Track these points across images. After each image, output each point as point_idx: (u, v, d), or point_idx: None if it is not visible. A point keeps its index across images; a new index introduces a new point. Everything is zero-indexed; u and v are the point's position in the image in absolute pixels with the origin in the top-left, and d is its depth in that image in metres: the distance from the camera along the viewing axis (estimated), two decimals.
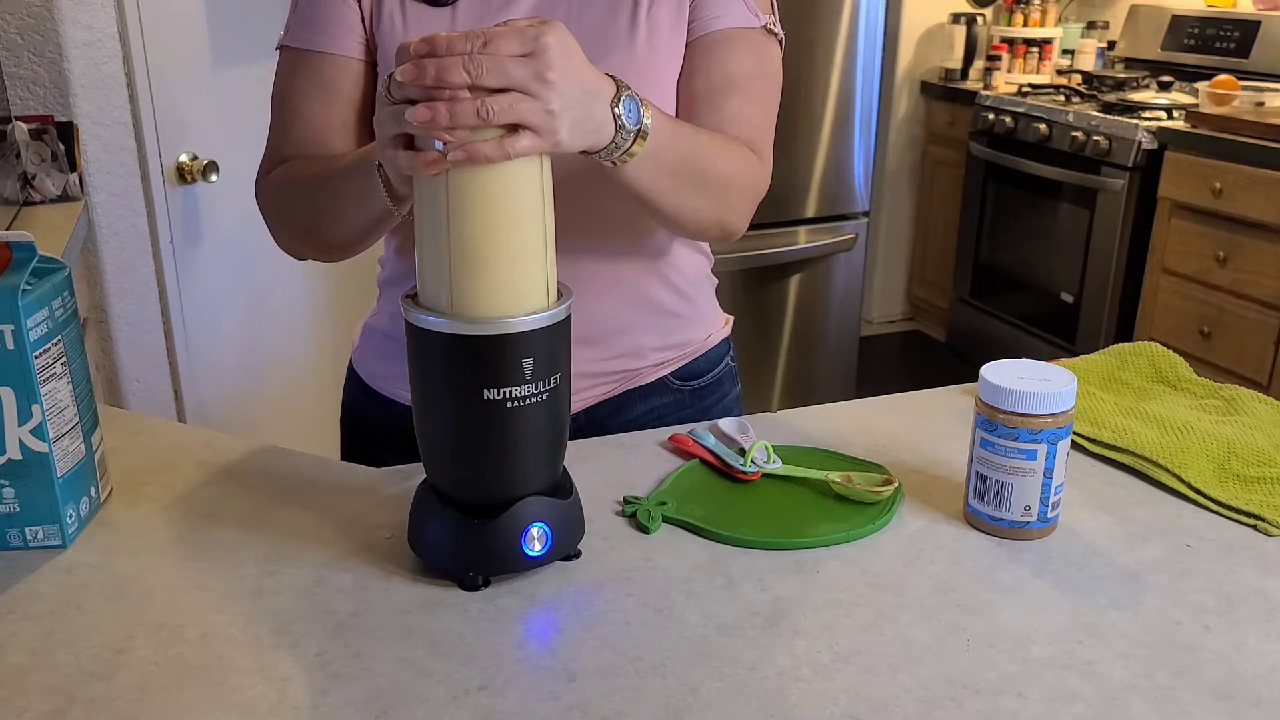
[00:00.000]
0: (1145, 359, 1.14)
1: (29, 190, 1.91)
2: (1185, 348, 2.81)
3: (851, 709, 0.64)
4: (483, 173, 0.70)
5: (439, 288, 0.72)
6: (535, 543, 0.76)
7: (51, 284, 0.80)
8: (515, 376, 0.72)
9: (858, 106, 3.07)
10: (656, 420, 1.09)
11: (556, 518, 0.77)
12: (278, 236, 1.02)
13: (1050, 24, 3.84)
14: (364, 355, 1.12)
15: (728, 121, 0.97)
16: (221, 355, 2.31)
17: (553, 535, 0.76)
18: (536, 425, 0.75)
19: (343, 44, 0.97)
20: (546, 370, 0.74)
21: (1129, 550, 0.82)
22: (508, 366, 0.72)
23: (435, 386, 0.74)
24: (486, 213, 0.71)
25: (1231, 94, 2.87)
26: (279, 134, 1.00)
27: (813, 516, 0.86)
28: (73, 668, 0.68)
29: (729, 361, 1.16)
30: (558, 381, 0.75)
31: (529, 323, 0.72)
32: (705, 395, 1.12)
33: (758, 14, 0.99)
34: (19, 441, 0.79)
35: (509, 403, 0.72)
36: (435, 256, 0.72)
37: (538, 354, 0.73)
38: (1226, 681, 0.67)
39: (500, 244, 0.71)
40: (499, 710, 0.64)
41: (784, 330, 3.20)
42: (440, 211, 0.71)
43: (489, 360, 0.72)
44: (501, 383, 0.72)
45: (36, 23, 1.94)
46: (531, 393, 0.73)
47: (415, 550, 0.79)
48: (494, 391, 0.72)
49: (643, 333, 1.06)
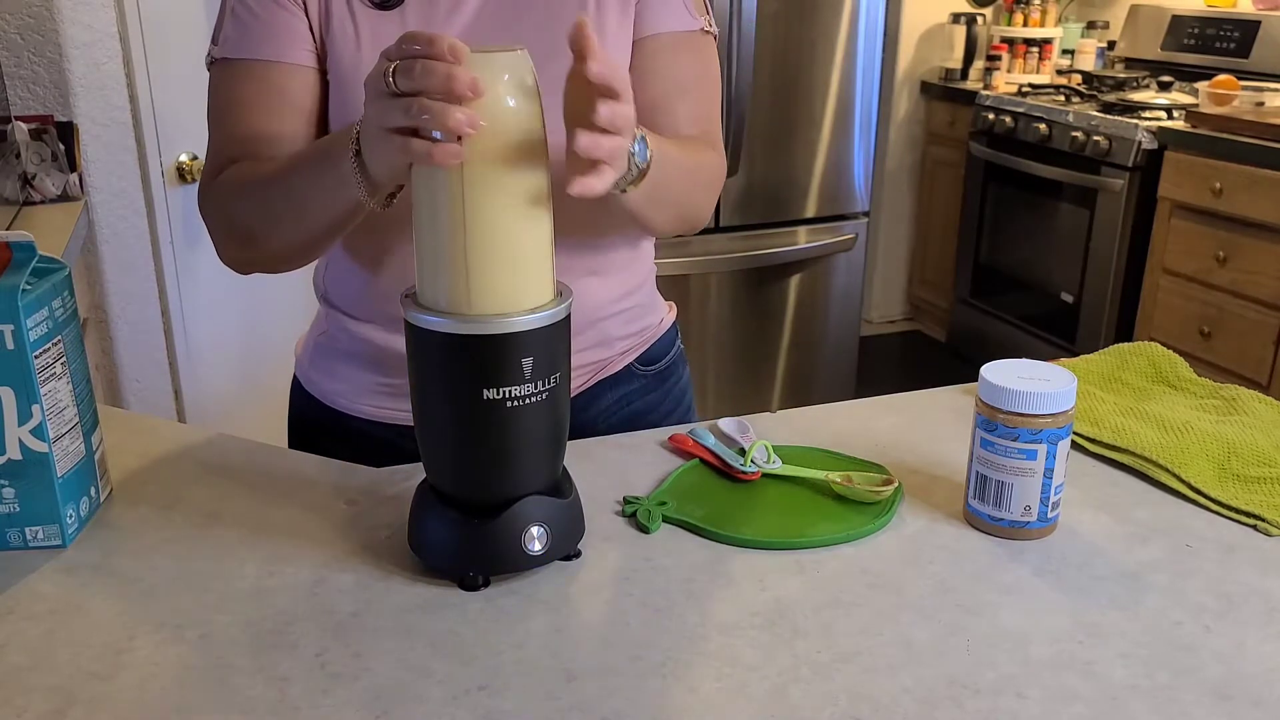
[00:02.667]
0: (1145, 359, 1.14)
1: (29, 190, 1.91)
2: (1185, 348, 2.81)
3: (851, 709, 0.64)
4: (501, 170, 0.71)
5: (444, 286, 0.72)
6: (535, 542, 0.76)
7: (51, 284, 0.80)
8: (515, 376, 0.72)
9: (858, 106, 3.07)
10: (625, 407, 1.11)
11: (556, 518, 0.77)
12: (223, 246, 1.00)
13: (1050, 24, 3.84)
14: (309, 368, 1.10)
15: (683, 124, 1.02)
16: (221, 355, 2.31)
17: (552, 535, 0.76)
18: (536, 425, 0.75)
19: (291, 52, 0.95)
20: (547, 370, 0.74)
21: (1129, 550, 0.82)
22: (508, 366, 0.72)
23: (435, 386, 0.74)
24: (502, 209, 0.71)
25: (1231, 94, 2.87)
26: (223, 143, 0.98)
27: (813, 516, 0.86)
28: (73, 668, 0.68)
29: (679, 344, 1.20)
30: (558, 381, 0.75)
31: (529, 321, 0.72)
32: (665, 378, 1.15)
33: (695, 16, 1.04)
34: (19, 441, 0.79)
35: (509, 402, 0.73)
36: (440, 254, 0.72)
37: (538, 353, 0.73)
38: (1226, 681, 0.67)
39: (514, 241, 0.72)
40: (499, 710, 0.64)
41: (784, 330, 3.20)
42: (451, 208, 0.71)
43: (489, 360, 0.72)
44: (501, 382, 0.72)
45: (36, 23, 1.94)
46: (531, 392, 0.73)
47: (415, 550, 0.79)
48: (494, 391, 0.72)
49: (612, 323, 1.08)
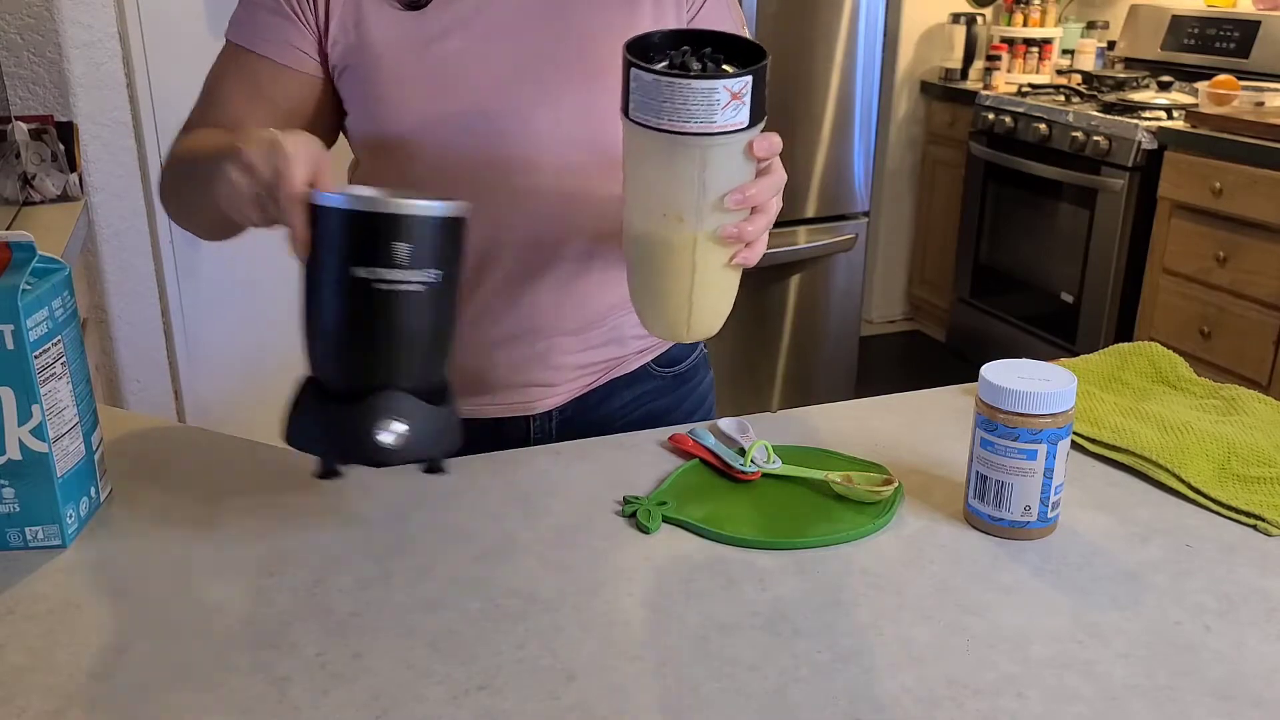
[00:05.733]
0: (1145, 359, 1.14)
1: (29, 190, 1.91)
2: (1185, 348, 2.81)
3: (851, 709, 0.64)
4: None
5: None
6: (388, 435, 0.73)
7: (51, 284, 0.80)
8: (385, 258, 0.71)
9: (858, 106, 3.07)
10: (640, 407, 1.11)
11: (420, 418, 0.75)
12: (164, 203, 1.02)
13: (1050, 24, 3.84)
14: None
15: None
16: (221, 355, 2.31)
17: (412, 435, 0.74)
18: (406, 316, 0.74)
19: (284, 53, 0.96)
20: (426, 262, 0.73)
21: (1129, 550, 0.82)
22: (380, 246, 0.71)
23: (313, 259, 0.74)
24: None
25: (1231, 94, 2.87)
26: (198, 115, 1.00)
27: (813, 516, 0.86)
28: (73, 668, 0.68)
29: (702, 348, 1.19)
30: (438, 279, 0.74)
31: (409, 207, 0.72)
32: (684, 381, 1.15)
33: (741, 30, 1.02)
34: (19, 441, 0.79)
35: (377, 283, 0.72)
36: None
37: (416, 242, 0.72)
38: (1226, 681, 0.67)
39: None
40: (499, 710, 0.64)
41: (784, 330, 3.20)
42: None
43: (361, 236, 0.72)
44: (372, 261, 0.71)
45: (36, 23, 1.94)
46: (402, 279, 0.72)
47: (284, 435, 0.78)
48: (364, 270, 0.72)
49: (626, 320, 1.08)
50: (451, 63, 0.94)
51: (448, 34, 0.94)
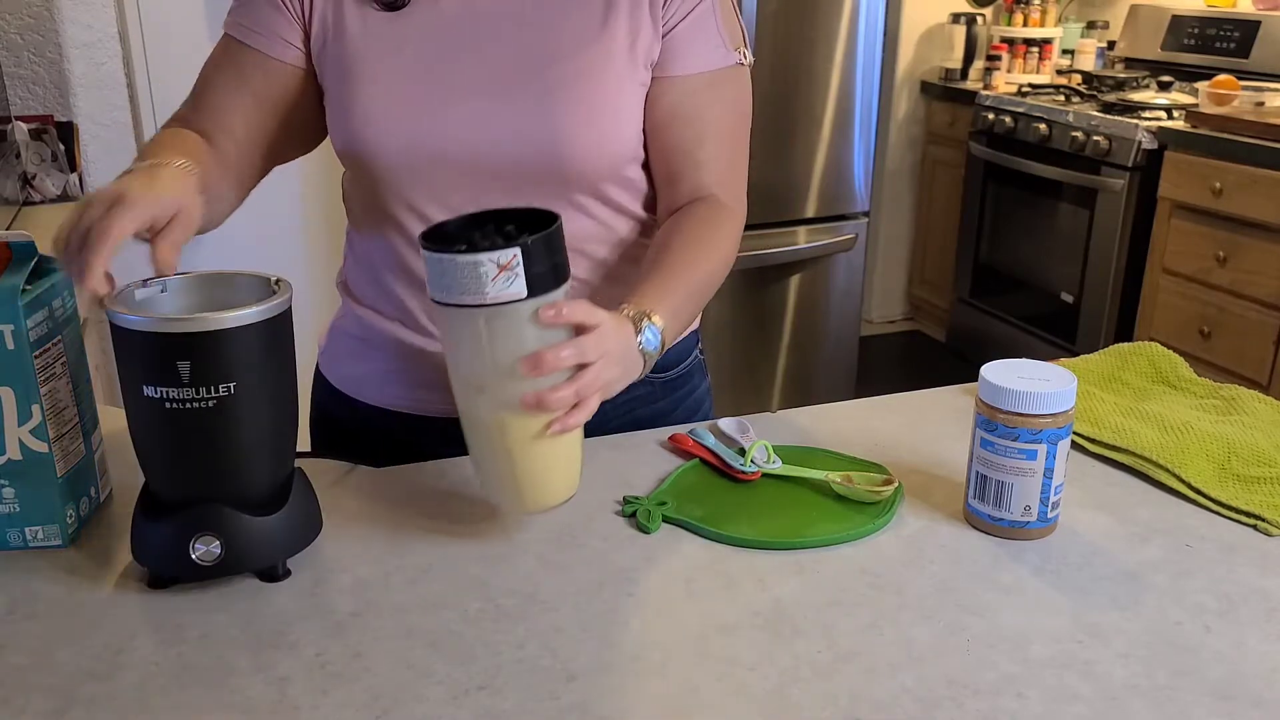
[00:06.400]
0: (1145, 359, 1.14)
1: (29, 190, 1.91)
2: (1185, 348, 2.81)
3: (851, 709, 0.64)
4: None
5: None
6: (196, 551, 0.74)
7: (51, 284, 0.80)
8: (171, 378, 0.71)
9: (858, 106, 3.07)
10: (629, 412, 1.10)
11: (235, 530, 0.75)
12: None
13: (1050, 24, 3.84)
14: (331, 358, 1.12)
15: (708, 170, 1.00)
16: None
17: (227, 548, 0.74)
18: (202, 432, 0.73)
19: (273, 46, 0.98)
20: (213, 378, 0.72)
21: (1129, 550, 0.82)
22: (164, 366, 0.71)
23: (120, 372, 0.74)
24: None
25: (1231, 94, 2.87)
26: (187, 105, 1.02)
27: (813, 516, 0.86)
28: (73, 668, 0.68)
29: (698, 354, 1.18)
30: (232, 392, 0.73)
31: (186, 325, 0.71)
32: (676, 387, 1.14)
33: (730, 50, 0.99)
34: (19, 441, 0.79)
35: (168, 404, 0.72)
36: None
37: (197, 359, 0.71)
38: (1227, 681, 0.67)
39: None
40: (499, 710, 0.64)
41: (784, 330, 3.20)
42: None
43: (145, 354, 0.71)
44: (159, 382, 0.71)
45: (36, 23, 1.94)
46: (192, 398, 0.72)
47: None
48: (153, 390, 0.72)
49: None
50: (423, 66, 0.94)
51: (423, 37, 0.94)
